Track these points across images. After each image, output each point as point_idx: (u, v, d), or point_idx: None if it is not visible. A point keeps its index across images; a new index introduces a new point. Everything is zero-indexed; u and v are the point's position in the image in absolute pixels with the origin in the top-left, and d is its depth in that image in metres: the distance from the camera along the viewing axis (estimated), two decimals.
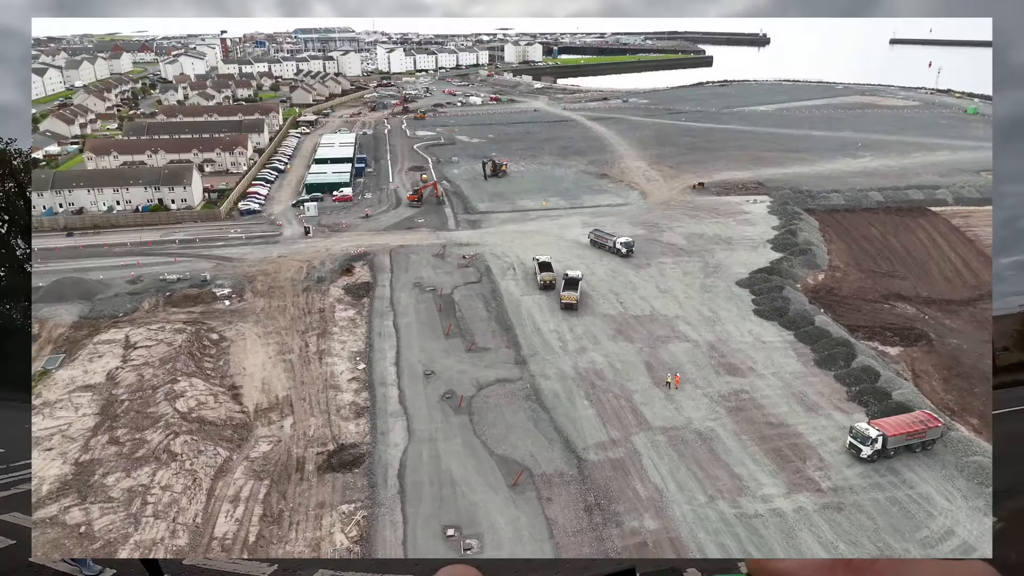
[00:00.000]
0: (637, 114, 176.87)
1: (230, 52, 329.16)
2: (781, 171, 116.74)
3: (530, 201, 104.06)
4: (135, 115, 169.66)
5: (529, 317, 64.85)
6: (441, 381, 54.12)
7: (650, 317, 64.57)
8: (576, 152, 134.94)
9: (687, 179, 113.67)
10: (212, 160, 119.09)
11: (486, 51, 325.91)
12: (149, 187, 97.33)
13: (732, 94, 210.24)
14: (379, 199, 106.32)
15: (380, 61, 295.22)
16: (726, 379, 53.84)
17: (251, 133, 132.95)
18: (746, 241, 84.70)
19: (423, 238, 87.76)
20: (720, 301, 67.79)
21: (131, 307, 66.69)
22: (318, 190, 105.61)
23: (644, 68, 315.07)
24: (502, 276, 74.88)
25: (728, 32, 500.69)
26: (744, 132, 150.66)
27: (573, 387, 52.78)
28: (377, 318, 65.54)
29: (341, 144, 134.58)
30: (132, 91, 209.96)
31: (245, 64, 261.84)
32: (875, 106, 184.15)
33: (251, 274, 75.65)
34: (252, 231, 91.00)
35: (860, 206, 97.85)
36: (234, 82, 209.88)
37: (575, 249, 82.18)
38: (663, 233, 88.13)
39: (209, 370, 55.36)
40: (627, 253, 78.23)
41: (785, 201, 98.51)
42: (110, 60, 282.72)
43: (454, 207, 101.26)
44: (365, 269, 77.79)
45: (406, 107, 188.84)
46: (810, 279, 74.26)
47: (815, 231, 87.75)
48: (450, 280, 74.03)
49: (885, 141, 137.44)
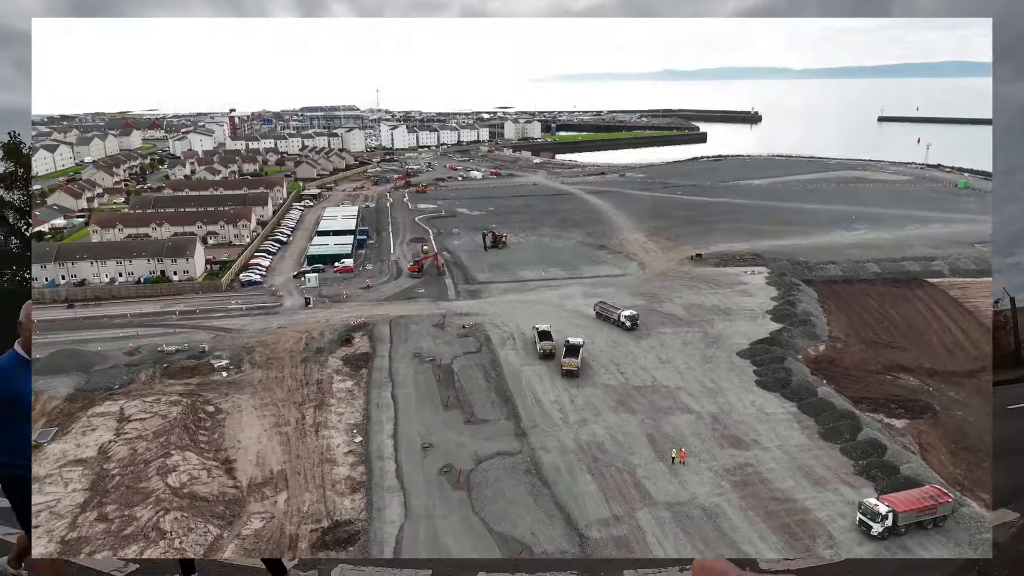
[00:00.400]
0: (634, 188, 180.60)
1: (238, 129, 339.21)
2: (777, 243, 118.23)
3: (529, 272, 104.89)
4: (142, 189, 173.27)
5: (529, 388, 64.23)
6: (439, 454, 53.07)
7: (652, 388, 63.95)
8: (575, 224, 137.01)
9: (685, 250, 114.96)
10: (216, 232, 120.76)
11: (487, 128, 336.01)
12: (152, 259, 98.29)
13: (726, 169, 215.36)
14: (380, 270, 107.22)
15: (383, 137, 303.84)
16: (730, 452, 52.83)
17: (255, 206, 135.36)
18: (745, 312, 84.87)
19: (423, 308, 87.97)
20: (722, 372, 67.31)
21: (128, 379, 66.10)
22: (320, 261, 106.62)
23: (639, 144, 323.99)
24: (502, 346, 74.64)
25: (722, 110, 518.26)
26: (739, 205, 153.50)
27: (574, 460, 51.70)
28: (375, 389, 64.89)
29: (344, 217, 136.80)
30: (140, 166, 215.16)
31: (252, 140, 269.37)
32: (867, 180, 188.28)
33: (250, 345, 75.39)
34: (253, 302, 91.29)
35: (858, 277, 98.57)
36: (240, 157, 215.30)
37: (575, 319, 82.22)
38: (662, 304, 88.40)
39: (203, 443, 54.34)
40: (631, 326, 77.73)
41: (783, 272, 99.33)
42: (120, 137, 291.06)
43: (454, 277, 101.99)
44: (365, 340, 77.60)
45: (408, 181, 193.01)
46: (811, 350, 73.97)
47: (814, 302, 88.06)
48: (450, 350, 73.74)
49: (879, 214, 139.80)
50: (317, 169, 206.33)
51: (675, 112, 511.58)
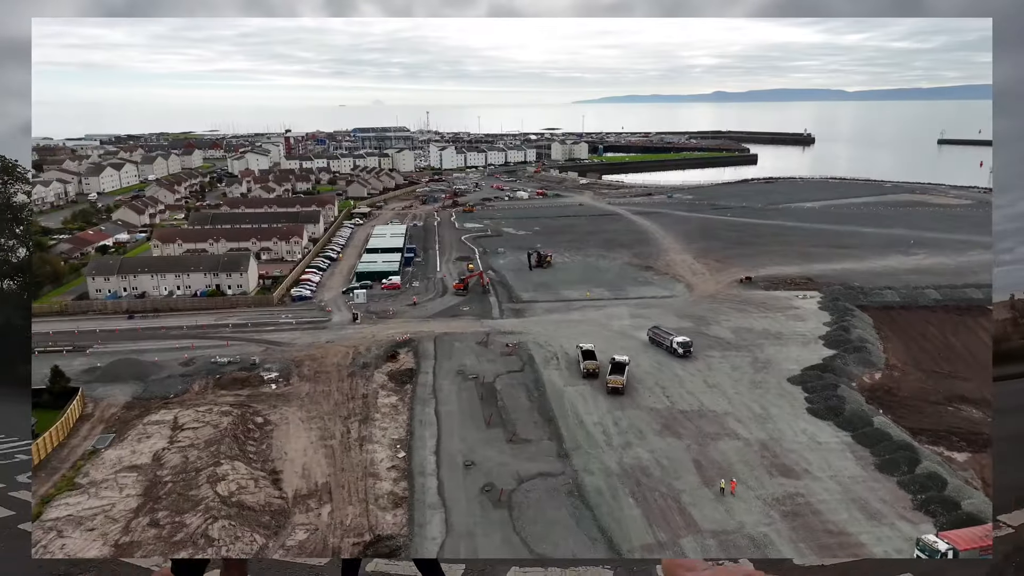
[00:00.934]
0: (681, 209, 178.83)
1: (292, 149, 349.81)
2: (830, 267, 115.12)
3: (574, 292, 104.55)
4: (201, 206, 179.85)
5: (572, 408, 63.70)
6: (481, 473, 52.94)
7: (698, 412, 62.66)
8: (620, 245, 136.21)
9: (734, 273, 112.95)
10: (269, 248, 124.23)
11: (533, 149, 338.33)
12: (208, 273, 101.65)
13: (778, 191, 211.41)
14: (426, 287, 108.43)
15: (432, 158, 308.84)
16: (780, 481, 51.21)
17: (307, 224, 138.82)
18: (797, 337, 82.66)
19: (467, 326, 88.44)
20: (771, 398, 65.54)
21: (182, 388, 68.18)
22: (368, 278, 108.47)
23: (688, 165, 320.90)
24: (545, 365, 74.36)
25: (773, 132, 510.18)
26: (791, 228, 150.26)
27: (618, 484, 50.88)
28: (419, 405, 65.32)
29: (392, 235, 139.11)
30: (200, 184, 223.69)
31: (305, 160, 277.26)
32: (925, 204, 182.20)
33: (298, 359, 76.95)
34: (302, 317, 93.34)
35: (916, 304, 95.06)
36: (294, 176, 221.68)
37: (619, 340, 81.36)
38: (710, 327, 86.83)
39: (252, 454, 55.49)
40: (684, 354, 74.98)
41: (836, 297, 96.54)
42: (182, 156, 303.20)
43: (499, 296, 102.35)
44: (409, 356, 78.35)
45: (455, 201, 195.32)
46: (866, 378, 71.45)
47: (869, 328, 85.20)
48: (493, 368, 73.81)
49: (938, 239, 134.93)
50: (367, 188, 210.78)
51: (725, 134, 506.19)
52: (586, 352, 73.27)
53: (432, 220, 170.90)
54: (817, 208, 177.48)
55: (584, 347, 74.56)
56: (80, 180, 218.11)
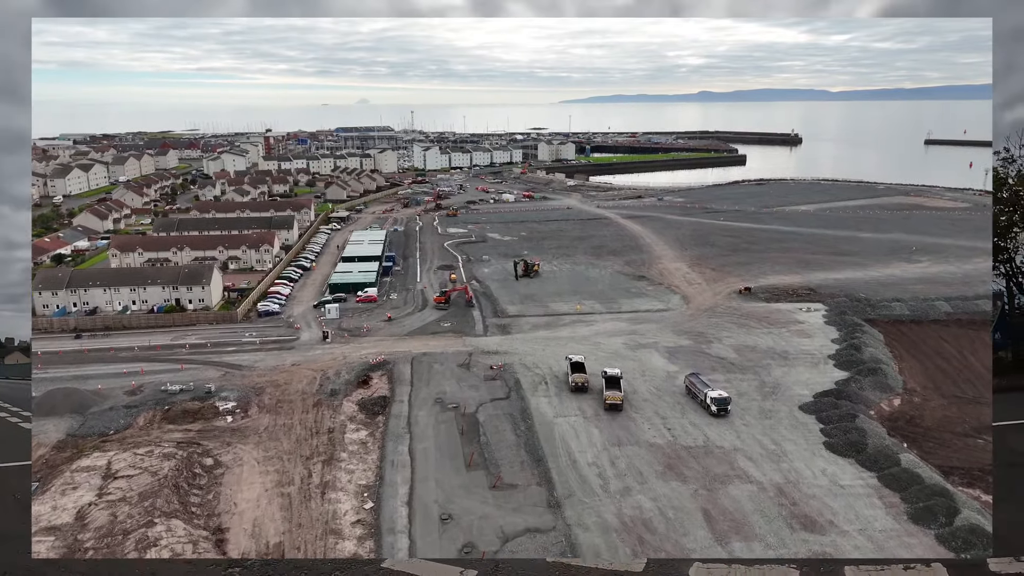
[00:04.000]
0: (673, 212, 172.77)
1: (272, 149, 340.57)
2: (832, 276, 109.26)
3: (563, 304, 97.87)
4: (170, 210, 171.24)
5: (564, 445, 56.83)
6: (459, 529, 45.90)
7: (704, 449, 55.99)
8: (611, 252, 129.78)
9: (731, 283, 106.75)
10: (237, 257, 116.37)
11: (520, 149, 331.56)
12: (167, 287, 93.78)
13: (770, 193, 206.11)
14: (405, 300, 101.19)
15: (416, 158, 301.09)
16: (802, 536, 44.60)
17: (280, 229, 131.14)
18: (804, 356, 76.36)
19: (448, 345, 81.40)
20: (783, 430, 59.04)
21: (124, 423, 60.59)
22: (342, 290, 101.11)
23: (677, 166, 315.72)
24: (533, 391, 67.53)
25: (760, 132, 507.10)
26: (787, 233, 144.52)
27: (617, 542, 44.03)
28: (391, 442, 58.18)
29: (370, 241, 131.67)
30: (172, 186, 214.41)
31: (284, 161, 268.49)
32: (921, 207, 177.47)
33: (260, 385, 69.52)
34: (268, 335, 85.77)
35: (927, 317, 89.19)
36: (271, 178, 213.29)
37: (614, 361, 74.53)
38: (711, 344, 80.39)
39: (194, 507, 48.08)
40: (718, 412, 60.98)
41: (843, 310, 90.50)
42: (157, 156, 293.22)
43: (483, 310, 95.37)
44: (383, 380, 71.21)
45: (439, 204, 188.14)
46: (884, 404, 65.19)
47: (881, 346, 79.11)
48: (475, 395, 66.85)
49: (940, 245, 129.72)
50: (347, 190, 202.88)
51: (712, 134, 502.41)
52: (575, 364, 69.36)
53: (414, 224, 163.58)
54: (812, 212, 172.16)
55: (574, 359, 70.61)
56: (46, 182, 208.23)
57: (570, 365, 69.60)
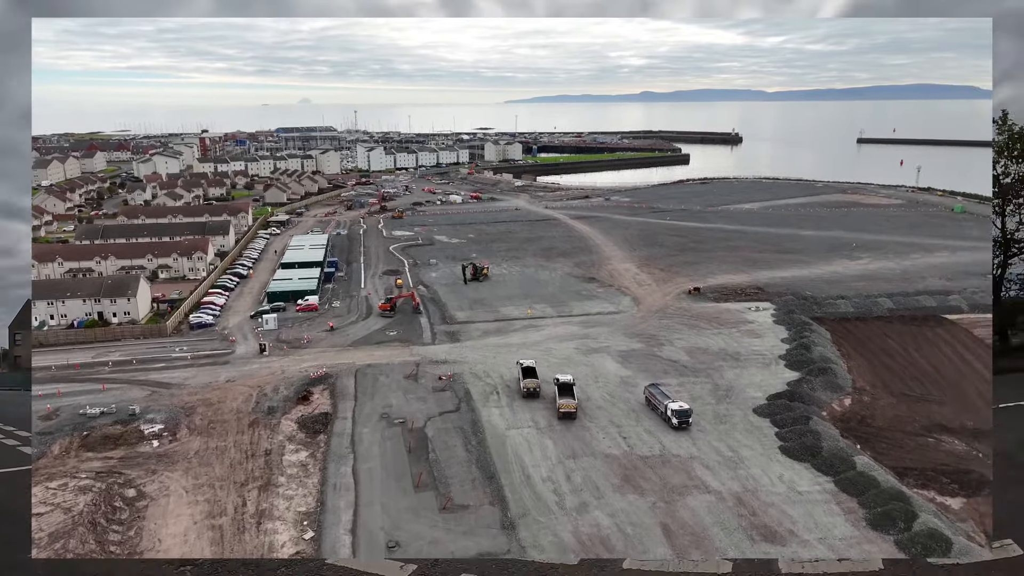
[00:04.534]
0: (620, 212, 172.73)
1: (208, 151, 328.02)
2: (779, 274, 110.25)
3: (514, 308, 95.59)
4: (96, 216, 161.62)
5: (517, 460, 54.42)
6: (408, 555, 42.81)
7: (660, 458, 54.43)
8: (561, 253, 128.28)
9: (680, 283, 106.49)
10: (168, 266, 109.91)
11: (467, 149, 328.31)
12: (88, 299, 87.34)
13: (714, 192, 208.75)
14: (348, 308, 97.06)
15: (360, 159, 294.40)
16: (763, 548, 43.29)
17: (215, 235, 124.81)
18: (756, 357, 76.04)
19: (394, 355, 78.01)
20: (739, 435, 58.06)
21: (37, 453, 55.08)
22: (281, 299, 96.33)
23: (622, 166, 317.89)
24: (484, 402, 64.95)
25: (702, 131, 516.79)
26: (733, 231, 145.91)
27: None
28: (334, 463, 54.66)
29: (311, 246, 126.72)
30: (98, 191, 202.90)
31: (221, 163, 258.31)
32: (858, 204, 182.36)
33: (190, 405, 64.82)
34: (200, 349, 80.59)
35: (871, 314, 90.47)
36: (206, 181, 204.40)
37: (566, 367, 72.56)
38: (662, 347, 79.36)
39: (113, 545, 43.66)
40: (679, 425, 58.09)
41: (790, 309, 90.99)
42: (83, 159, 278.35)
43: (431, 316, 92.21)
44: (325, 395, 67.47)
45: (384, 206, 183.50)
46: (836, 405, 65.09)
47: (829, 344, 79.53)
48: (423, 409, 63.83)
49: (879, 241, 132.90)
50: (288, 193, 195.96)
51: (656, 133, 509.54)
52: (527, 369, 67.75)
53: (358, 228, 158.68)
54: (756, 210, 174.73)
55: (524, 363, 69.09)
56: None
57: (521, 370, 68.09)
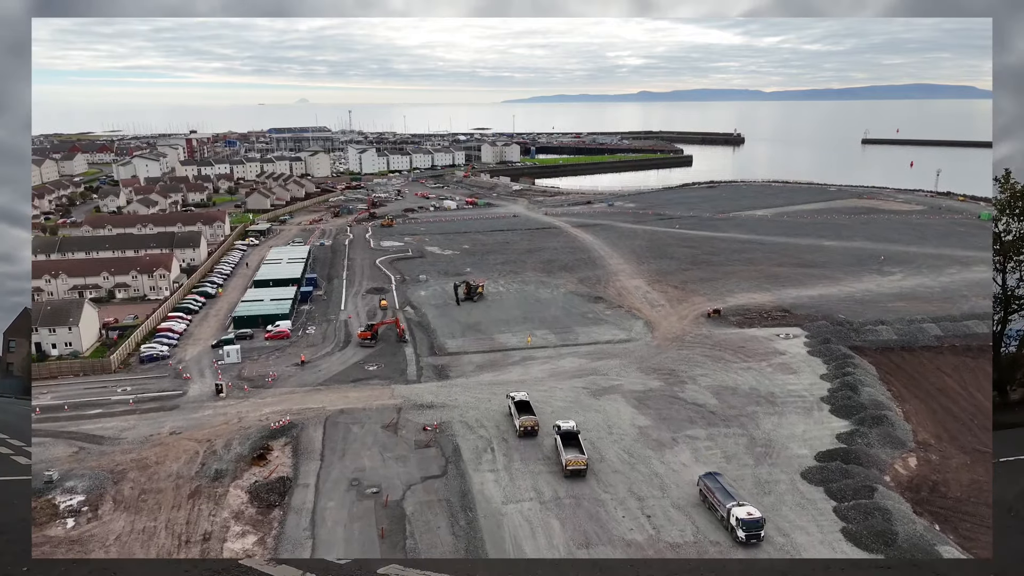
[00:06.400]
0: (625, 220, 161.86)
1: (196, 152, 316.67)
2: (805, 293, 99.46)
3: (511, 335, 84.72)
4: (62, 224, 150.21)
5: (515, 548, 43.51)
6: None
7: (695, 546, 43.57)
8: (563, 267, 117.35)
9: (697, 303, 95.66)
10: (126, 284, 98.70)
11: (463, 151, 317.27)
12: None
13: (722, 197, 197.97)
14: (324, 334, 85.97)
15: (352, 162, 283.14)
16: None
17: (184, 248, 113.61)
18: (794, 399, 65.17)
19: (372, 397, 66.98)
20: (788, 512, 47.16)
21: None
22: (249, 324, 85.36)
23: (623, 168, 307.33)
24: (476, 464, 54.02)
25: (703, 132, 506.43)
26: (748, 242, 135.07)
27: None
28: (287, 550, 43.63)
29: (290, 260, 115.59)
30: (70, 196, 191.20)
31: (206, 165, 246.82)
32: (877, 210, 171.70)
33: (121, 467, 53.73)
34: (147, 389, 69.45)
35: (916, 343, 79.67)
36: (186, 185, 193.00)
37: (573, 411, 61.67)
38: (684, 386, 68.45)
39: None
40: (747, 540, 43.30)
41: (825, 337, 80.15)
42: (63, 162, 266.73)
43: (417, 346, 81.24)
44: (287, 452, 56.52)
45: (373, 213, 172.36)
46: (899, 466, 54.27)
47: (876, 382, 68.71)
48: (403, 473, 52.90)
49: (908, 253, 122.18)
50: (271, 198, 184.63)
51: (656, 134, 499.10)
52: (520, 404, 60.21)
53: (343, 238, 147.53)
54: (769, 217, 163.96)
55: (517, 397, 61.40)
56: None
57: (514, 405, 60.04)
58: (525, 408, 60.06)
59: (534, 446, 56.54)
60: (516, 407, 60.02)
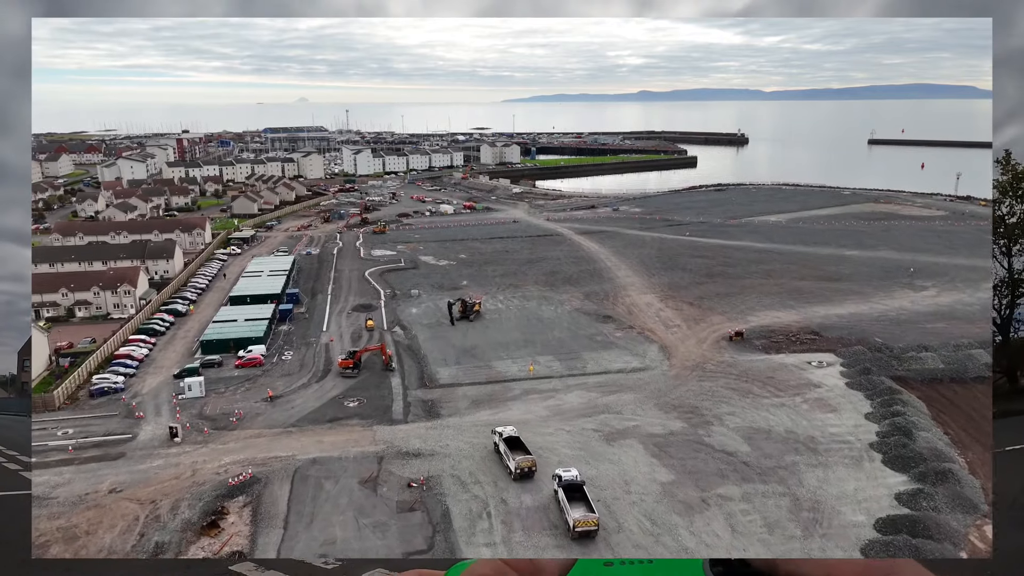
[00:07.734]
0: (631, 226, 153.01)
1: (186, 152, 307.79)
2: (834, 311, 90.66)
3: (512, 362, 75.91)
4: (34, 231, 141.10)
5: None
6: None
7: None
8: (567, 280, 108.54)
9: (716, 323, 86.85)
10: (87, 302, 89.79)
11: (461, 152, 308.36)
12: None
13: (732, 201, 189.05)
14: (302, 361, 77.01)
15: (346, 163, 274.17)
16: None
17: (156, 259, 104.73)
18: (838, 446, 56.29)
19: (351, 441, 58.06)
20: None
21: None
22: (219, 349, 76.52)
23: (626, 169, 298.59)
24: (469, 534, 45.16)
25: (706, 132, 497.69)
26: (765, 251, 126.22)
27: None
28: None
29: (271, 272, 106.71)
30: (47, 200, 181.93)
31: (194, 167, 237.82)
32: (897, 216, 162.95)
33: (44, 539, 44.78)
34: (91, 432, 60.42)
35: (968, 374, 70.63)
36: (170, 188, 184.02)
37: (583, 460, 52.78)
38: (710, 428, 59.56)
39: None
40: None
41: (864, 366, 71.27)
42: (47, 162, 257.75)
43: (405, 376, 72.35)
44: (244, 516, 47.63)
45: (365, 218, 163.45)
46: (974, 536, 45.36)
47: (931, 424, 59.83)
48: (381, 545, 44.03)
49: (939, 265, 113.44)
50: (259, 203, 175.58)
51: (658, 134, 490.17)
52: (510, 440, 52.69)
53: (332, 246, 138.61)
54: (784, 223, 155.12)
55: (505, 433, 53.74)
56: None
57: (504, 442, 52.43)
58: (516, 445, 52.54)
59: (538, 509, 47.64)
60: (506, 444, 52.51)
